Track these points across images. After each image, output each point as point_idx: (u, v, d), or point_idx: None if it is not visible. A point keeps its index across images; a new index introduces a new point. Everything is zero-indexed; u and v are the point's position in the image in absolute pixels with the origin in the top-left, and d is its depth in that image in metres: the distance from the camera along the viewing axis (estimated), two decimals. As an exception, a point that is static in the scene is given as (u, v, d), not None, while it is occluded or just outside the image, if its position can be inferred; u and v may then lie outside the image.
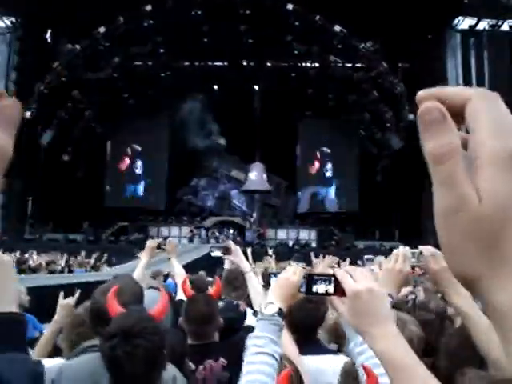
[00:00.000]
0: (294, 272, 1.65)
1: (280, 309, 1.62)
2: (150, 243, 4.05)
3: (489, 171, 0.41)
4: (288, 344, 2.04)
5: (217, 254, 3.49)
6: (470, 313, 1.80)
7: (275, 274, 3.16)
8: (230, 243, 3.11)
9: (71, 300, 3.09)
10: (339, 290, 1.20)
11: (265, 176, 24.43)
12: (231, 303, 3.41)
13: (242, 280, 3.24)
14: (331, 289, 1.22)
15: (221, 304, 3.61)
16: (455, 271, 0.44)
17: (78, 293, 3.16)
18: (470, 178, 0.42)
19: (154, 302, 2.29)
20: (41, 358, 2.51)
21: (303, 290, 1.40)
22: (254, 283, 2.72)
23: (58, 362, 2.31)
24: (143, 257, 3.95)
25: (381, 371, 1.14)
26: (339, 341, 2.84)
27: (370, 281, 1.18)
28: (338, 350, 2.73)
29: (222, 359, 2.67)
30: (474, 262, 0.42)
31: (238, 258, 2.94)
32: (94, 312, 2.32)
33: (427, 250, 2.03)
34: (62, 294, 3.13)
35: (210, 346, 2.77)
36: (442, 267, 1.89)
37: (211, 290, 3.02)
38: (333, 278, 1.22)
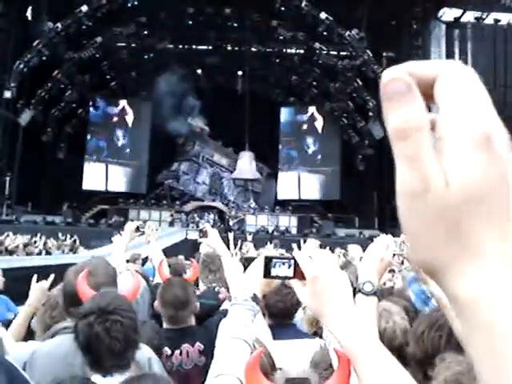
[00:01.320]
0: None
1: (254, 294, 1.60)
2: (129, 225, 3.99)
3: (457, 152, 0.38)
4: (260, 327, 2.03)
5: (192, 236, 3.46)
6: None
7: (252, 260, 3.15)
8: (207, 226, 3.08)
9: (45, 283, 3.03)
10: (299, 274, 1.15)
11: (254, 164, 24.44)
12: (212, 290, 3.40)
13: (218, 264, 3.23)
14: (290, 272, 1.17)
15: (201, 290, 3.60)
16: (417, 259, 0.40)
17: (52, 276, 3.11)
18: (436, 159, 0.38)
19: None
20: (14, 341, 2.48)
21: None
22: (231, 267, 2.70)
23: (31, 345, 2.28)
24: (122, 239, 3.87)
25: None
26: (319, 330, 2.85)
27: (330, 263, 1.15)
28: (314, 334, 2.74)
29: (198, 343, 2.67)
30: (437, 250, 0.39)
31: (214, 241, 2.92)
32: (66, 293, 2.29)
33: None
34: (35, 277, 3.06)
35: (187, 330, 2.76)
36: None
37: (188, 274, 3.01)
38: (292, 261, 1.18)
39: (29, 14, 21.95)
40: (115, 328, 1.81)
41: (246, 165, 24.32)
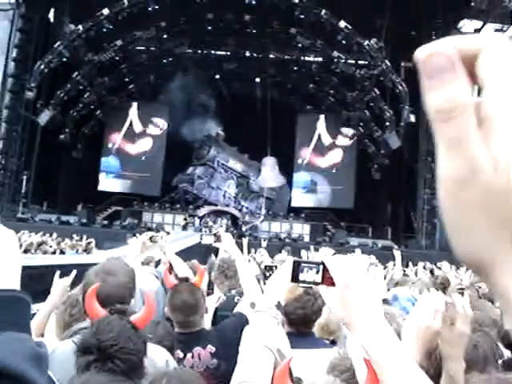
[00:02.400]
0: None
1: (278, 302, 1.60)
2: (141, 238, 3.88)
3: (507, 134, 0.34)
4: (279, 336, 2.03)
5: (207, 241, 3.46)
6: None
7: (271, 268, 3.13)
8: (221, 230, 3.09)
9: (66, 280, 3.05)
10: (327, 279, 1.13)
11: (277, 169, 24.40)
12: (231, 300, 3.38)
13: (235, 270, 3.22)
14: (319, 278, 1.15)
15: (222, 300, 3.58)
16: (463, 255, 0.37)
17: (73, 272, 3.14)
18: (483, 142, 0.35)
19: (149, 286, 2.27)
20: (35, 337, 2.48)
21: (303, 283, 1.38)
22: (246, 271, 2.70)
23: (51, 343, 2.28)
24: (134, 249, 3.79)
25: None
26: (332, 336, 2.84)
27: (360, 271, 1.13)
28: (332, 342, 2.72)
29: (210, 346, 2.67)
30: (485, 243, 0.35)
31: (228, 246, 2.92)
32: (86, 292, 2.30)
33: (459, 302, 1.65)
34: (58, 273, 3.10)
35: (198, 333, 2.76)
36: (464, 332, 1.62)
37: (195, 279, 3.00)
38: (321, 267, 1.15)
39: (51, 16, 22.25)
40: (114, 370, 1.71)
41: (270, 172, 24.33)
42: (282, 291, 1.63)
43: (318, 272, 1.15)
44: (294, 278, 1.20)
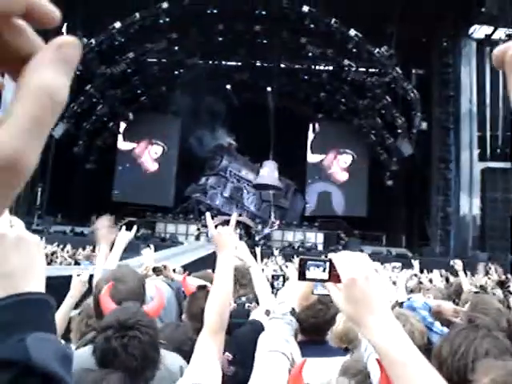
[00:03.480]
0: None
1: (293, 308, 1.61)
2: (123, 236, 3.85)
3: None
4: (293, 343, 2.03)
5: None
6: None
7: (278, 277, 3.14)
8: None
9: (84, 276, 3.25)
10: (334, 277, 1.12)
11: (276, 173, 24.32)
12: (241, 307, 3.39)
13: (249, 278, 3.23)
14: (326, 275, 1.14)
15: (232, 308, 3.59)
16: None
17: (91, 268, 3.26)
18: None
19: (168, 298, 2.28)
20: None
21: (316, 291, 1.38)
22: (261, 279, 2.71)
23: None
24: (114, 250, 3.67)
25: None
26: (350, 345, 2.82)
27: (367, 267, 1.11)
28: (345, 350, 2.71)
29: (227, 353, 2.67)
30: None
31: (242, 253, 2.93)
32: (96, 301, 2.33)
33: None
34: (76, 272, 3.29)
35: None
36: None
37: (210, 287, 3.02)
38: (328, 264, 1.14)
39: (64, 30, 22.54)
40: (133, 344, 1.77)
41: (269, 173, 24.24)
42: (296, 298, 1.64)
43: (324, 269, 1.15)
44: (301, 276, 1.19)
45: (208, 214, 2.46)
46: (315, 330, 2.49)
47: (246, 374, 1.61)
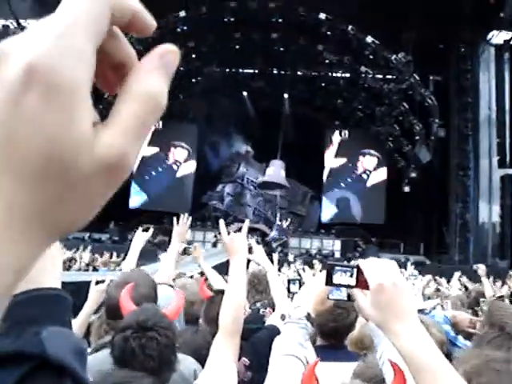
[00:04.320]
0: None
1: (308, 313, 1.61)
2: (175, 249, 3.98)
3: None
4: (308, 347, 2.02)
5: None
6: None
7: (294, 281, 3.13)
8: (252, 242, 3.10)
9: (101, 286, 3.24)
10: (362, 283, 1.12)
11: (283, 172, 24.15)
12: (256, 313, 3.38)
13: (265, 284, 3.23)
14: (353, 281, 1.13)
15: (247, 313, 3.59)
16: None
17: (108, 279, 3.28)
18: None
19: (167, 300, 2.29)
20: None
21: (332, 296, 1.37)
22: (278, 284, 2.71)
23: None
24: (168, 266, 3.84)
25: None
26: (365, 351, 2.79)
27: (395, 274, 1.11)
28: (364, 356, 2.68)
29: (244, 359, 2.67)
30: None
31: (259, 258, 2.93)
32: (109, 307, 2.34)
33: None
34: (94, 279, 3.31)
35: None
36: None
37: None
38: (355, 270, 1.14)
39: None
40: (151, 345, 1.78)
41: (274, 171, 24.09)
42: (312, 303, 1.63)
43: (352, 275, 1.14)
44: (329, 281, 1.19)
45: (222, 221, 2.47)
46: (334, 335, 2.46)
47: (262, 380, 1.61)
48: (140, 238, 3.70)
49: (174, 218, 3.70)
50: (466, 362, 1.51)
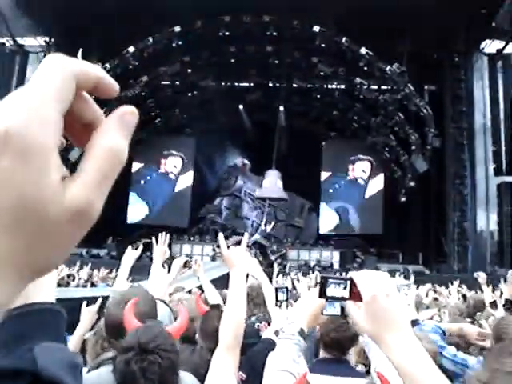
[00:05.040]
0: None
1: (301, 329, 1.61)
2: (178, 261, 4.06)
3: None
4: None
5: None
6: None
7: (282, 289, 3.11)
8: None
9: (93, 307, 3.30)
10: (355, 295, 1.11)
11: (280, 183, 24.01)
12: (251, 326, 3.37)
13: (263, 298, 3.21)
14: (346, 293, 1.13)
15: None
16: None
17: (99, 300, 3.29)
18: None
19: (163, 316, 2.26)
20: None
21: (326, 312, 1.37)
22: (271, 295, 2.71)
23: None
24: (170, 274, 3.92)
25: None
26: (367, 362, 2.77)
27: (387, 285, 1.10)
28: (367, 372, 2.67)
29: (240, 373, 2.67)
30: None
31: (253, 270, 2.94)
32: (108, 324, 2.33)
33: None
34: (85, 302, 3.35)
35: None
36: None
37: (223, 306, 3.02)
38: (349, 282, 1.13)
39: (79, 56, 22.97)
40: (152, 369, 1.77)
41: (272, 184, 23.94)
42: (306, 318, 1.64)
43: (345, 287, 1.14)
44: (322, 294, 1.18)
45: (221, 235, 2.48)
46: (336, 346, 2.43)
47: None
48: (129, 256, 3.71)
49: (153, 238, 3.70)
50: (480, 374, 1.49)
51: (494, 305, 4.18)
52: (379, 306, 1.07)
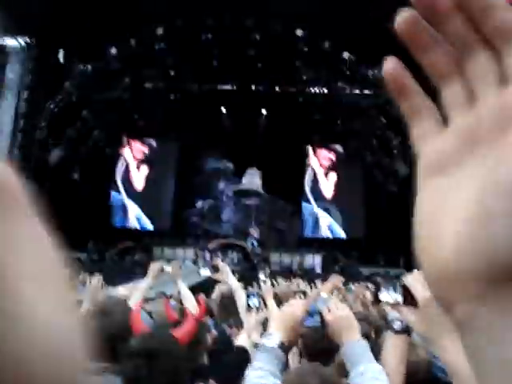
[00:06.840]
0: (298, 306, 1.61)
1: (281, 342, 1.59)
2: (154, 266, 4.04)
3: None
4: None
5: (206, 272, 3.46)
6: None
7: (253, 295, 3.06)
8: (218, 261, 3.11)
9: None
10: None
11: (258, 180, 24.09)
12: (223, 334, 3.33)
13: (235, 304, 3.18)
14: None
15: (214, 335, 3.54)
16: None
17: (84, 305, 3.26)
18: None
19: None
20: None
21: (307, 323, 1.35)
22: (243, 301, 2.69)
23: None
24: (145, 279, 3.92)
25: None
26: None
27: None
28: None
29: (211, 381, 2.63)
30: None
31: (225, 276, 2.92)
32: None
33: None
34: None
35: (200, 368, 2.72)
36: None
37: (196, 313, 2.98)
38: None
39: (61, 56, 22.74)
40: (158, 375, 1.77)
41: (251, 180, 24.06)
42: (284, 330, 1.61)
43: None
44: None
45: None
46: (319, 355, 2.37)
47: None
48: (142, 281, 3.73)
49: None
50: None
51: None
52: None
